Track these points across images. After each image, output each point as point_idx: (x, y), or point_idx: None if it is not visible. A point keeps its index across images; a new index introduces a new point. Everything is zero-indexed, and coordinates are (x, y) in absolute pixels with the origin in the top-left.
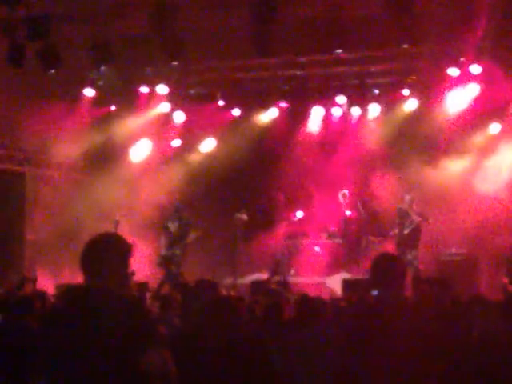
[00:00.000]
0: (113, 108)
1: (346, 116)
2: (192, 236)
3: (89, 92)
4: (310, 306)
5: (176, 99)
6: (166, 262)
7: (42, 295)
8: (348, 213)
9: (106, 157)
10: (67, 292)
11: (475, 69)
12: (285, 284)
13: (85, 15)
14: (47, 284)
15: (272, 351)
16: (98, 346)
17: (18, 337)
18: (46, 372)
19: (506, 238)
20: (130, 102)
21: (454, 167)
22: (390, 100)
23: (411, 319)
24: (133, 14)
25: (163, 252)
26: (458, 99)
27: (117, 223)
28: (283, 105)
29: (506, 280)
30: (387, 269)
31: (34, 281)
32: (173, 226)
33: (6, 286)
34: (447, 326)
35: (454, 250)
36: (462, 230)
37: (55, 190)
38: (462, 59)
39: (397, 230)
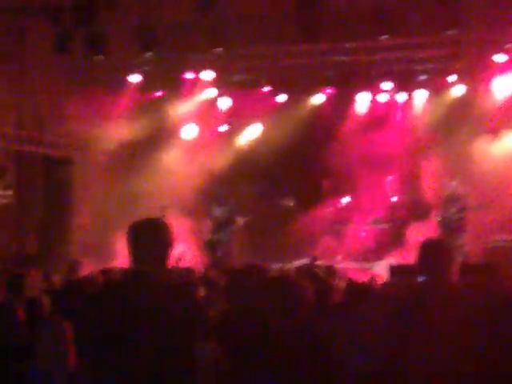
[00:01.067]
0: (159, 94)
1: (392, 102)
2: (240, 221)
3: (135, 78)
4: (356, 291)
5: (222, 85)
6: (212, 247)
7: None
8: (394, 198)
9: (153, 142)
10: (117, 276)
11: None
12: (330, 269)
13: (130, 1)
14: (94, 268)
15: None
16: (149, 331)
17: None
18: (93, 354)
19: None
20: (176, 87)
21: (503, 153)
22: (437, 86)
23: (458, 306)
24: (177, 0)
25: (209, 237)
26: (505, 85)
27: (164, 209)
28: (329, 91)
29: None
30: (434, 254)
31: (79, 264)
32: (218, 211)
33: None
34: (496, 314)
35: (504, 237)
36: None
37: (103, 175)
38: (508, 45)
39: (441, 216)
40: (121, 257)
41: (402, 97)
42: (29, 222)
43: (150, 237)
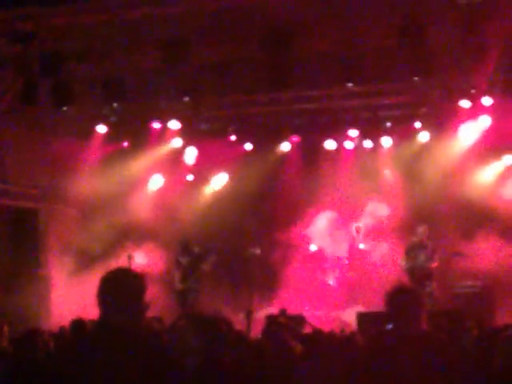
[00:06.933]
0: (125, 144)
1: (358, 149)
2: (208, 264)
3: (101, 128)
4: (320, 340)
5: (188, 134)
6: (180, 296)
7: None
8: (362, 246)
9: (119, 193)
10: (78, 330)
11: (487, 101)
12: (299, 318)
13: (97, 52)
14: (63, 320)
15: None
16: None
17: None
18: None
19: None
20: (143, 137)
21: (469, 197)
22: (402, 133)
23: (427, 354)
24: (144, 50)
25: (177, 286)
26: (470, 131)
27: (130, 258)
28: (295, 139)
29: None
30: (402, 302)
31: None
32: (184, 260)
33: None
34: (466, 359)
35: (469, 282)
36: (479, 262)
37: (70, 227)
38: (473, 91)
39: (408, 263)
40: (89, 309)
41: (367, 144)
42: None
43: (120, 287)
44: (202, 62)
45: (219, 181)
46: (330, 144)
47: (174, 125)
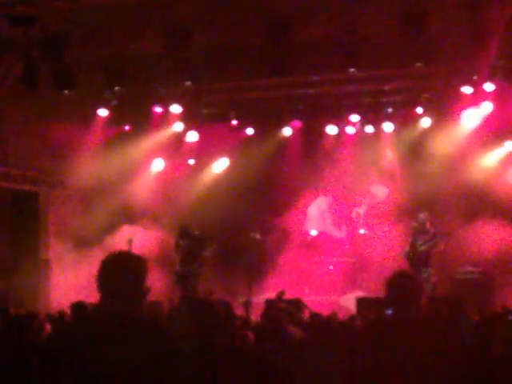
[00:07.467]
0: (127, 128)
1: (359, 134)
2: (208, 251)
3: (103, 112)
4: (321, 325)
5: (189, 119)
6: (180, 279)
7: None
8: (362, 231)
9: (119, 177)
10: (79, 312)
11: (488, 87)
12: (298, 303)
13: (99, 36)
14: (62, 303)
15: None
16: (112, 372)
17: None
18: None
19: None
20: (144, 121)
21: (471, 183)
22: (404, 118)
23: (427, 338)
24: (146, 35)
25: (178, 269)
26: (472, 117)
27: (130, 242)
28: (297, 124)
29: None
30: (402, 287)
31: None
32: (184, 244)
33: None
34: (465, 344)
35: (469, 268)
36: (479, 248)
37: (71, 210)
38: (475, 77)
39: (409, 248)
40: (90, 291)
41: (369, 129)
42: None
43: (121, 271)
44: (204, 46)
45: (220, 165)
46: (331, 129)
47: (176, 109)
